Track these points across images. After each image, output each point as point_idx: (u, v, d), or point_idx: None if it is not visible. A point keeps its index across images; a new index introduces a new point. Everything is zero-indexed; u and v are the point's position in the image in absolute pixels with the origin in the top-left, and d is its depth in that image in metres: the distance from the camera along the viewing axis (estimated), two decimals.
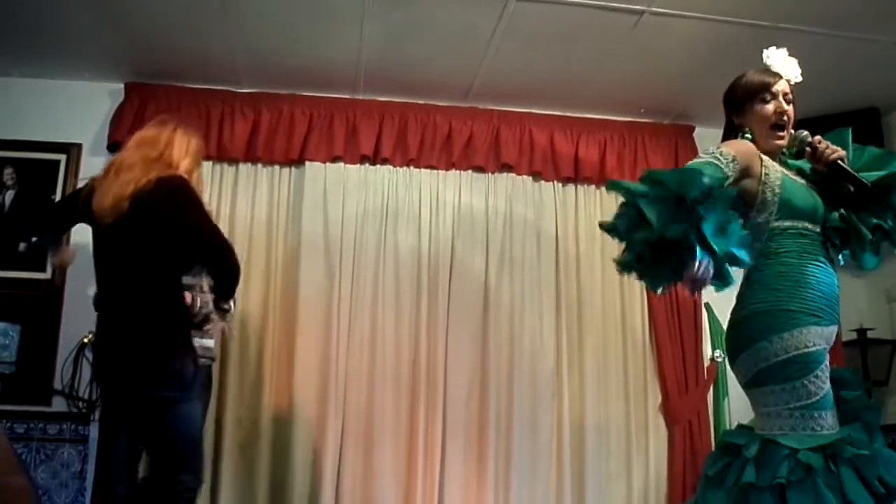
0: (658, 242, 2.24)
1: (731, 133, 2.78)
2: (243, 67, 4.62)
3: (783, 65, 2.80)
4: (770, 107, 2.66)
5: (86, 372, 4.29)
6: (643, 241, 2.28)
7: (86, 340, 4.28)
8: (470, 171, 4.93)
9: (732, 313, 2.63)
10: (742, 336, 2.56)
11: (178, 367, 2.81)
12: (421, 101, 4.92)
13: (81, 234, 3.43)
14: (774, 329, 2.45)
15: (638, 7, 3.98)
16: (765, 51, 2.85)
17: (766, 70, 2.77)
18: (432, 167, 4.89)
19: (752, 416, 2.67)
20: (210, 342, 3.81)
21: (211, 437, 4.30)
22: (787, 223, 2.53)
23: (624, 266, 2.46)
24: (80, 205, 3.04)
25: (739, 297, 2.61)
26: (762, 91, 2.70)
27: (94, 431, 4.25)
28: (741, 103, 2.75)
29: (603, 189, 5.02)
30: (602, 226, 2.45)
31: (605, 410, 4.67)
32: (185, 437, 2.90)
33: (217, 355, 4.17)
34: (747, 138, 2.67)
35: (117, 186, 2.84)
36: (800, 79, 2.79)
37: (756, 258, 2.48)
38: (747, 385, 2.58)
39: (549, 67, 4.59)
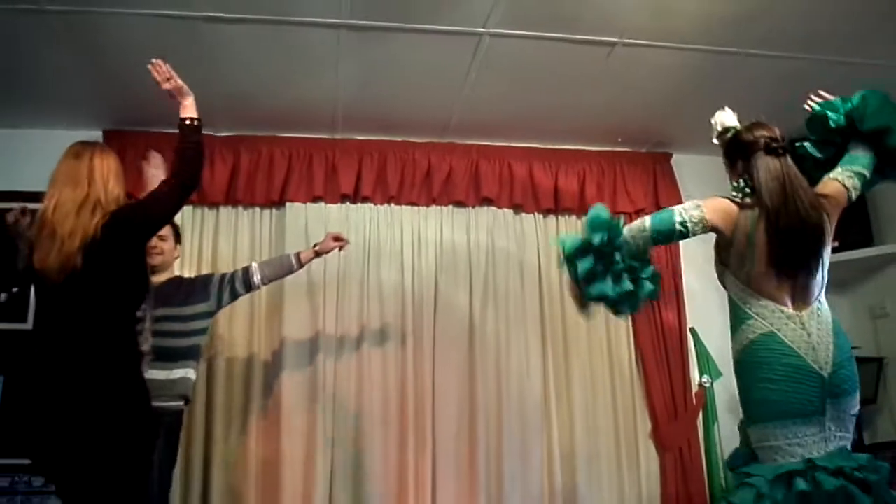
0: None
1: None
2: (221, 111, 4.62)
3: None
4: None
5: None
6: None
7: None
8: (451, 206, 4.96)
9: None
10: None
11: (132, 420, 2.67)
12: (399, 139, 4.95)
13: None
14: None
15: (610, 38, 4.02)
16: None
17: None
18: (413, 203, 4.90)
19: (738, 441, 2.82)
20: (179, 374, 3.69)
21: (199, 481, 4.26)
22: None
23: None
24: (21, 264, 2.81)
25: None
26: None
27: None
28: None
29: (584, 219, 5.02)
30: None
31: (595, 439, 4.65)
32: None
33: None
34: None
35: (60, 242, 2.67)
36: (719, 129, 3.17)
37: None
38: None
39: (526, 100, 4.63)
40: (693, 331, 4.89)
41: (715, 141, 3.06)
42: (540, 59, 4.17)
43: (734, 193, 2.75)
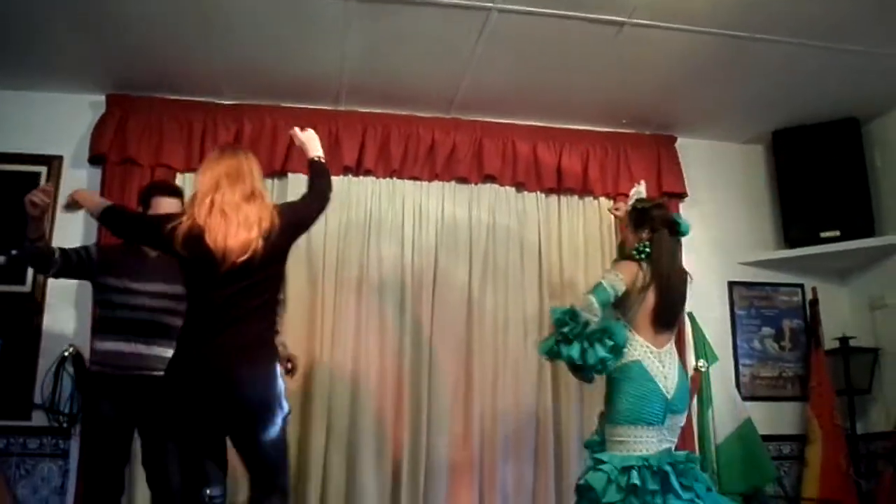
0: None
1: None
2: (225, 79, 4.62)
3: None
4: None
5: (66, 386, 4.26)
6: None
7: (66, 354, 4.25)
8: (453, 182, 4.94)
9: None
10: None
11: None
12: (404, 113, 4.93)
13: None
14: None
15: (619, 18, 4.00)
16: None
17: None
18: (415, 178, 4.89)
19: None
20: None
21: None
22: None
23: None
24: (170, 237, 2.96)
25: None
26: None
27: (74, 446, 4.21)
28: None
29: (586, 200, 5.04)
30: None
31: (589, 420, 4.65)
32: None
33: None
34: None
35: (236, 228, 2.92)
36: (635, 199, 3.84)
37: None
38: None
39: (532, 78, 4.61)
40: (691, 315, 4.90)
41: (627, 208, 3.75)
42: (547, 36, 4.15)
43: (635, 254, 3.50)
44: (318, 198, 3.31)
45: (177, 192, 3.80)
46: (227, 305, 2.93)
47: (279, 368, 3.06)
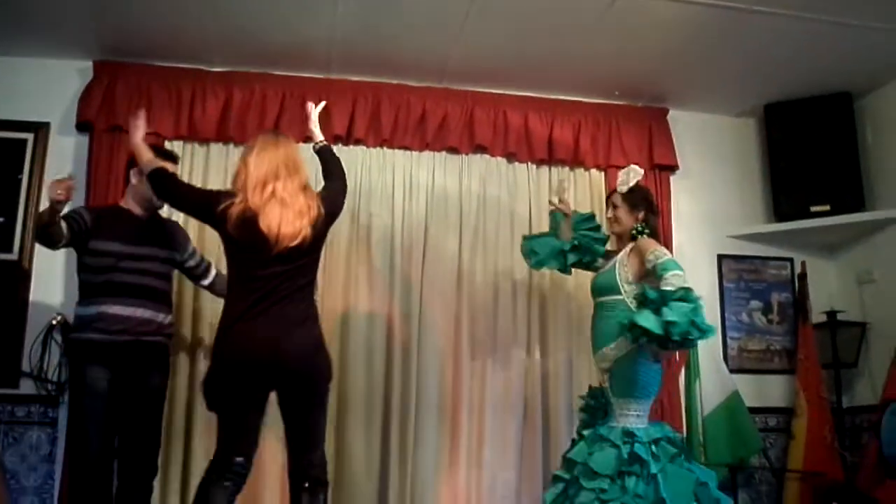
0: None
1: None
2: (216, 46, 4.56)
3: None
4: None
5: (54, 354, 4.25)
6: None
7: (54, 322, 4.23)
8: (444, 153, 4.92)
9: None
10: None
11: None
12: (395, 82, 4.89)
13: None
14: None
15: None
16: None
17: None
18: (406, 148, 4.86)
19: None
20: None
21: (182, 416, 4.29)
22: None
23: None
24: (223, 217, 3.14)
25: None
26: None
27: (62, 414, 4.21)
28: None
29: (577, 171, 5.03)
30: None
31: (577, 391, 4.67)
32: None
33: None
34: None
35: (293, 217, 3.14)
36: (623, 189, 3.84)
37: None
38: None
39: (524, 48, 4.57)
40: None
41: (623, 189, 3.83)
42: (540, 5, 4.12)
43: (636, 234, 3.73)
44: (342, 187, 3.56)
45: (176, 159, 3.83)
46: (276, 285, 3.13)
47: None
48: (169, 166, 3.57)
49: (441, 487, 4.53)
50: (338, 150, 4.63)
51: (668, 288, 3.32)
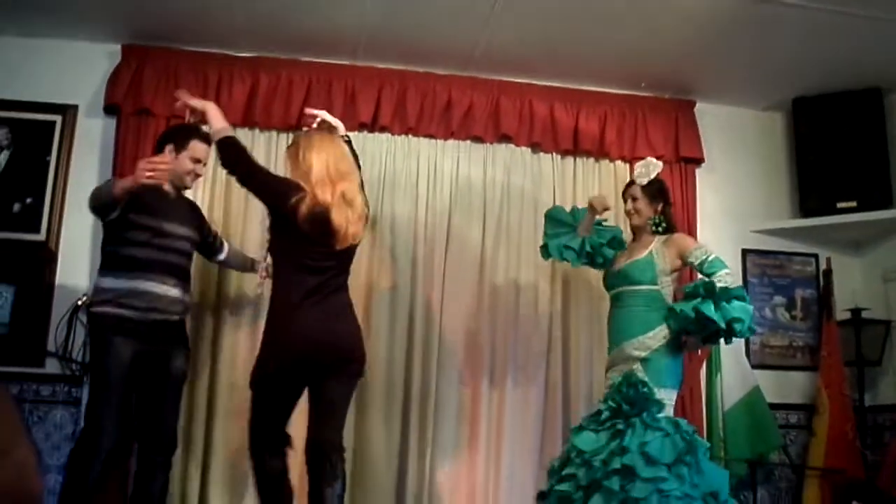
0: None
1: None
2: (243, 31, 4.57)
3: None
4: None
5: (79, 334, 4.29)
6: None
7: (80, 303, 4.27)
8: (469, 141, 4.91)
9: None
10: None
11: None
12: (421, 70, 4.88)
13: None
14: None
15: None
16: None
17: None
18: (431, 136, 4.86)
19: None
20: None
21: (204, 404, 4.32)
22: None
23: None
24: (294, 210, 3.30)
25: None
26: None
27: (86, 393, 4.24)
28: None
29: (602, 163, 5.01)
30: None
31: (598, 384, 4.67)
32: None
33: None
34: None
35: (356, 218, 3.41)
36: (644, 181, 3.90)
37: None
38: None
39: (551, 38, 4.56)
40: None
41: (643, 181, 3.88)
42: None
43: (653, 226, 3.87)
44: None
45: (210, 141, 3.80)
46: (329, 277, 3.39)
47: None
48: (208, 149, 3.70)
49: (459, 480, 4.54)
50: (363, 137, 4.73)
51: (724, 285, 3.49)
